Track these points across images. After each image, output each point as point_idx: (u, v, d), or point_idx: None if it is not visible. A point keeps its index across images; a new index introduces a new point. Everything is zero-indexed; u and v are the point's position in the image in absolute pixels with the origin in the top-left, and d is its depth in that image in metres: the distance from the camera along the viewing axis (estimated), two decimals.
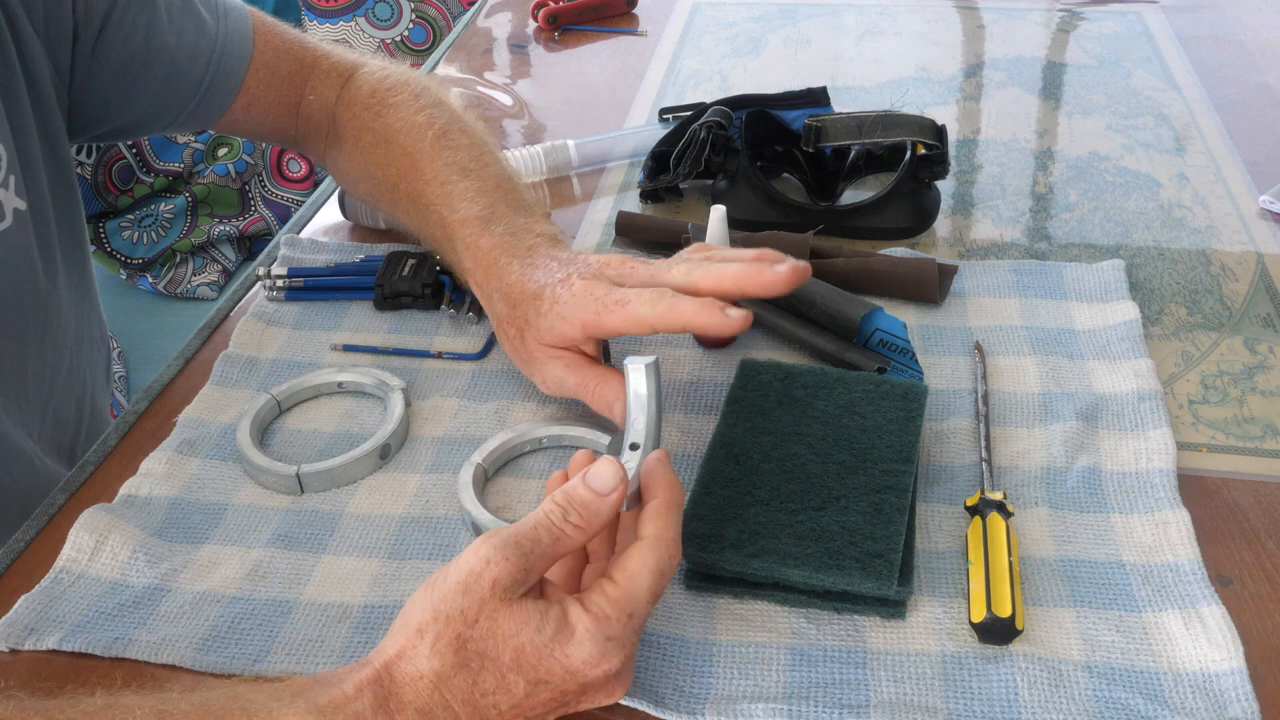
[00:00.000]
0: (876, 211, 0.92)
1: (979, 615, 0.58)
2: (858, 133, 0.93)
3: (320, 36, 0.99)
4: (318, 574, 0.65)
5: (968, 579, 0.61)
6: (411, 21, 2.09)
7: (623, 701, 0.56)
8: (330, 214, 1.01)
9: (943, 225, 0.95)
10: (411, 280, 0.85)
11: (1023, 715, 0.55)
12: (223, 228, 1.79)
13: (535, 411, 0.76)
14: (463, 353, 0.82)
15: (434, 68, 1.29)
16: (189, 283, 1.75)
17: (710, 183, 0.98)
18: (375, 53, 2.13)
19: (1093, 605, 0.60)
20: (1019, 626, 0.58)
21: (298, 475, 0.70)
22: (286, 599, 0.64)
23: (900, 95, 1.17)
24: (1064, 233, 0.93)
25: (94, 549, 0.66)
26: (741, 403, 0.70)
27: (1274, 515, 0.66)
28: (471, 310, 0.84)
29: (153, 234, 1.75)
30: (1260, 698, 0.55)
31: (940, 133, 0.92)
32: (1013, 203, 0.98)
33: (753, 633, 0.60)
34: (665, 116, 1.10)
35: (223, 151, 1.80)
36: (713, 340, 0.80)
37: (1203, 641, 0.58)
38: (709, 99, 1.05)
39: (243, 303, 0.90)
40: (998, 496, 0.65)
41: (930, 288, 0.83)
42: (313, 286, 0.88)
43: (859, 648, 0.59)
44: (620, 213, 0.94)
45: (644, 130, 1.07)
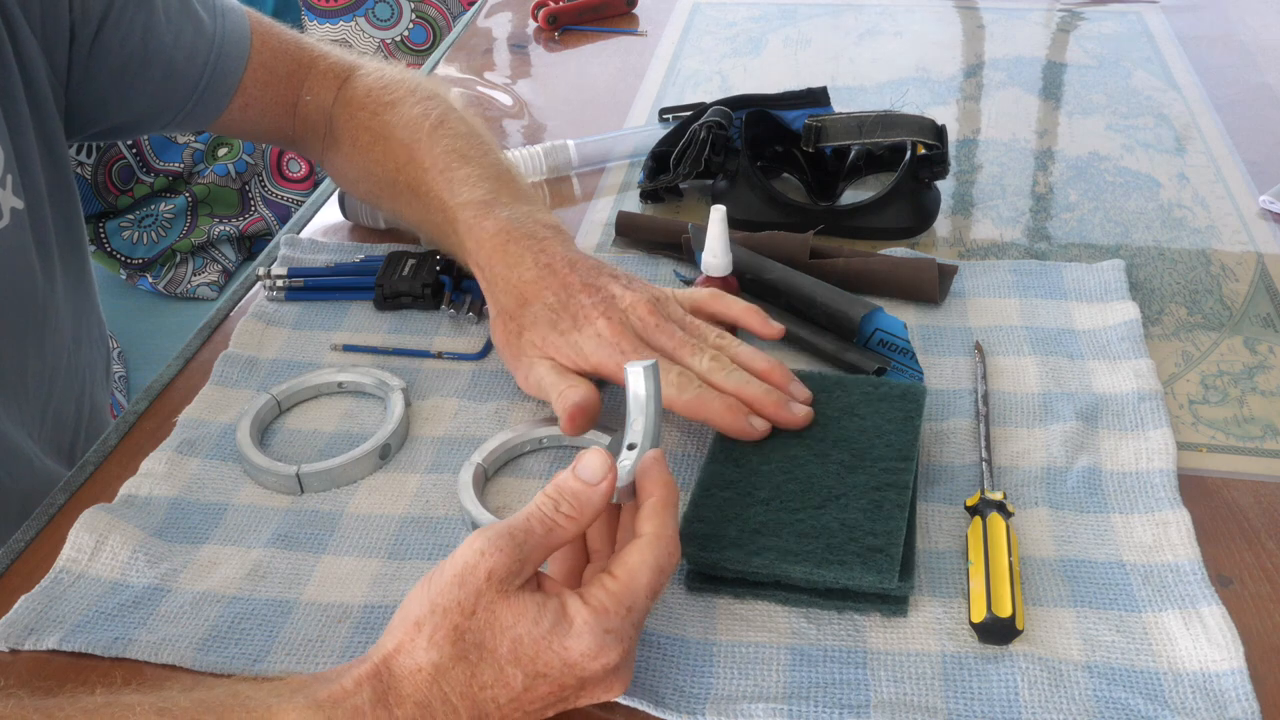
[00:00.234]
0: (876, 211, 0.92)
1: (979, 615, 0.58)
2: (858, 133, 0.93)
3: (320, 37, 0.99)
4: (318, 574, 0.65)
5: (968, 579, 0.61)
6: (411, 21, 2.09)
7: (622, 701, 0.56)
8: (330, 214, 1.01)
9: (943, 225, 0.95)
10: (411, 280, 0.85)
11: (1023, 715, 0.55)
12: (223, 228, 1.79)
13: (535, 411, 0.76)
14: (463, 353, 0.82)
15: (434, 68, 1.29)
16: (189, 283, 1.75)
17: (710, 183, 0.98)
18: (375, 53, 2.13)
19: (1093, 605, 0.60)
20: (1019, 626, 0.58)
21: (298, 475, 0.70)
22: (286, 599, 0.64)
23: (900, 95, 1.17)
24: (1064, 233, 0.93)
25: (94, 549, 0.66)
26: None
27: (1274, 515, 0.66)
28: (471, 310, 0.84)
29: (153, 234, 1.75)
30: (1260, 698, 0.55)
31: (940, 133, 0.92)
32: (1013, 203, 0.98)
33: (753, 633, 0.60)
34: (665, 116, 1.10)
35: (223, 151, 1.80)
36: None
37: (1203, 641, 0.58)
38: (709, 99, 1.05)
39: (243, 303, 0.90)
40: (998, 496, 0.65)
41: (930, 288, 0.83)
42: (313, 286, 0.88)
43: (859, 648, 0.59)
44: (620, 213, 0.94)
45: (644, 130, 1.07)
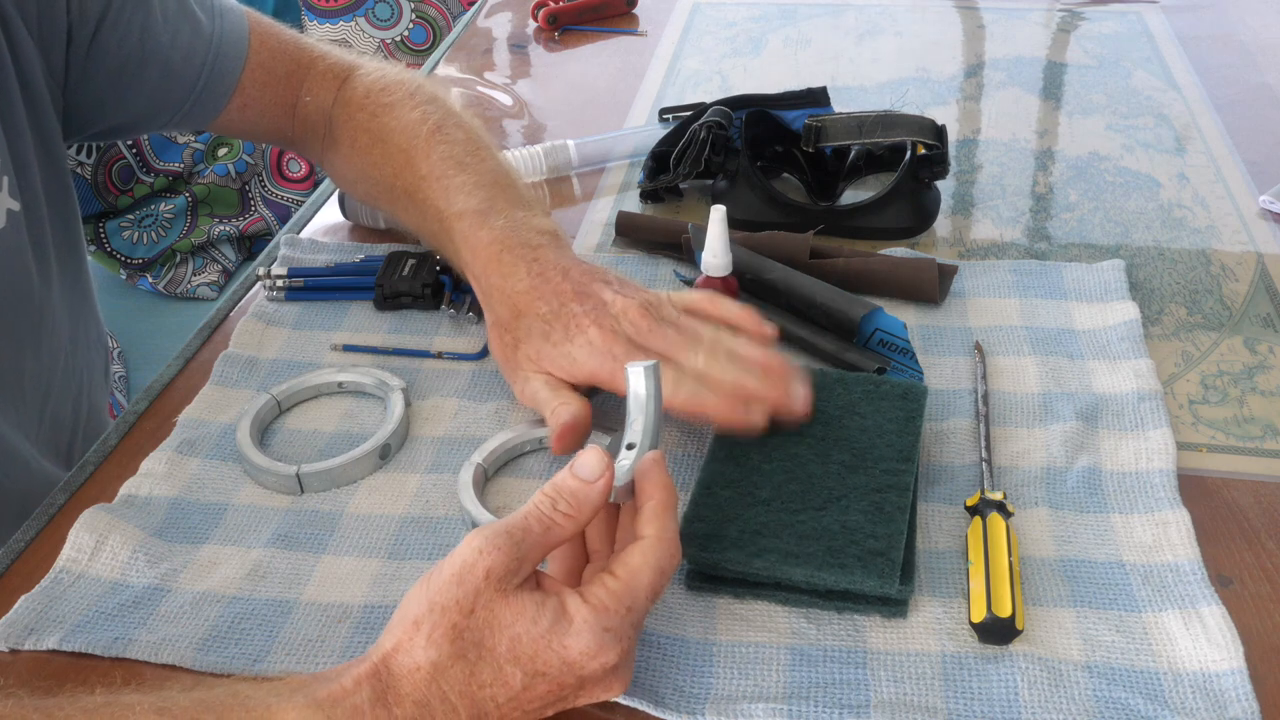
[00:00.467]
0: (876, 211, 0.92)
1: (979, 615, 0.58)
2: (858, 133, 0.93)
3: (320, 37, 0.99)
4: (318, 574, 0.65)
5: (968, 579, 0.61)
6: (411, 21, 2.09)
7: (622, 701, 0.56)
8: (330, 214, 1.01)
9: (943, 225, 0.94)
10: (411, 280, 0.85)
11: (1023, 715, 0.55)
12: (223, 228, 1.79)
13: (535, 412, 0.76)
14: (463, 353, 0.82)
15: (434, 68, 1.29)
16: (189, 283, 1.75)
17: (710, 183, 0.98)
18: (375, 53, 2.13)
19: (1093, 605, 0.60)
20: (1019, 626, 0.58)
21: (298, 475, 0.70)
22: (286, 599, 0.64)
23: (900, 95, 1.17)
24: (1064, 233, 0.93)
25: (94, 549, 0.66)
26: None
27: (1274, 515, 0.66)
28: (471, 310, 0.84)
29: (153, 234, 1.75)
30: (1260, 698, 0.55)
31: (940, 133, 0.92)
32: (1013, 203, 0.98)
33: (753, 633, 0.60)
34: (665, 116, 1.10)
35: (223, 151, 1.80)
36: None
37: (1203, 641, 0.58)
38: (709, 99, 1.05)
39: (243, 303, 0.90)
40: (998, 496, 0.65)
41: (930, 288, 0.83)
42: (313, 286, 0.88)
43: (859, 648, 0.59)
44: (620, 213, 0.94)
45: (644, 130, 1.07)
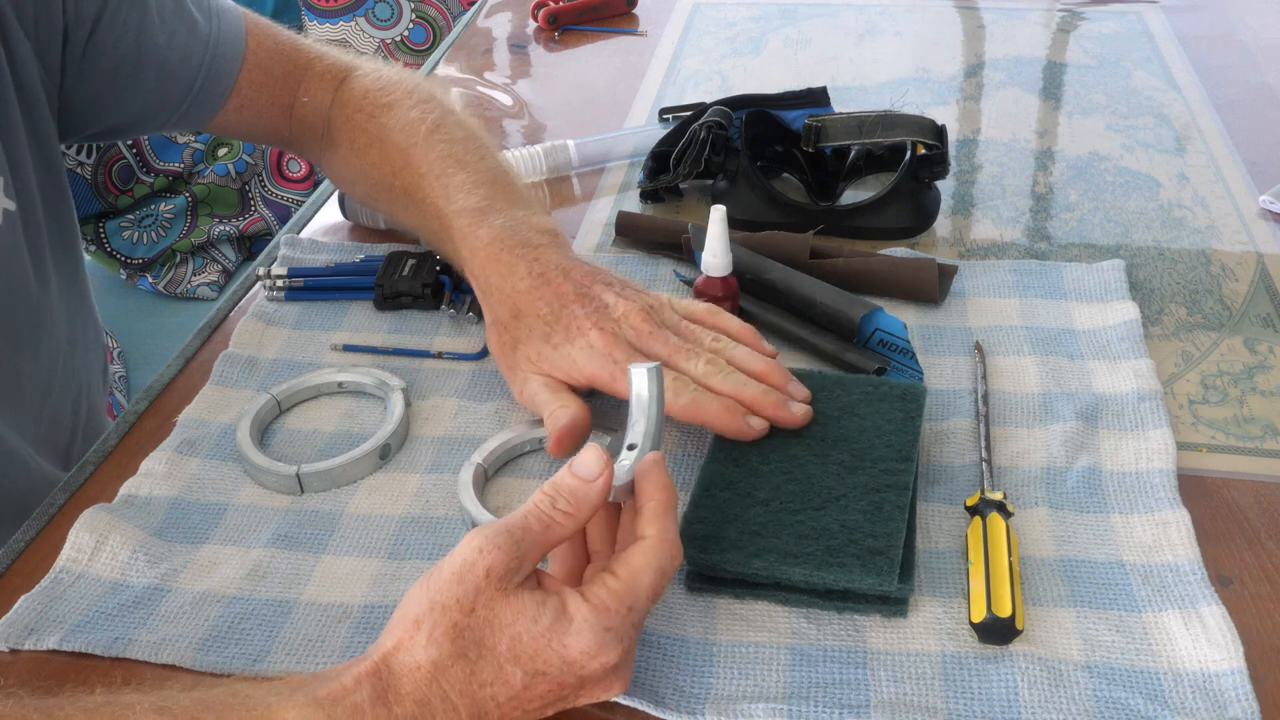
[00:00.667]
0: (876, 211, 0.92)
1: (979, 615, 0.58)
2: (858, 133, 0.93)
3: (320, 37, 0.99)
4: (318, 574, 0.65)
5: (968, 579, 0.61)
6: (411, 21, 2.09)
7: (622, 701, 0.56)
8: (330, 214, 1.01)
9: (943, 225, 0.94)
10: (411, 280, 0.85)
11: (1023, 715, 0.55)
12: (223, 228, 1.79)
13: (535, 412, 0.76)
14: (463, 353, 0.82)
15: (434, 68, 1.29)
16: (189, 283, 1.75)
17: (710, 183, 0.98)
18: (375, 53, 2.13)
19: (1093, 605, 0.60)
20: (1019, 626, 0.58)
21: (298, 475, 0.70)
22: (286, 599, 0.64)
23: (900, 95, 1.17)
24: (1064, 233, 0.93)
25: (94, 549, 0.66)
26: None
27: (1274, 515, 0.66)
28: (471, 310, 0.84)
29: (153, 234, 1.75)
30: (1260, 698, 0.55)
31: (940, 133, 0.92)
32: (1013, 203, 0.98)
33: (753, 633, 0.60)
34: (665, 116, 1.10)
35: (223, 151, 1.80)
36: None
37: (1203, 641, 0.58)
38: (709, 99, 1.05)
39: (243, 303, 0.90)
40: (998, 496, 0.65)
41: (930, 288, 0.83)
42: (313, 286, 0.88)
43: (859, 648, 0.59)
44: (620, 213, 0.94)
45: (644, 130, 1.07)
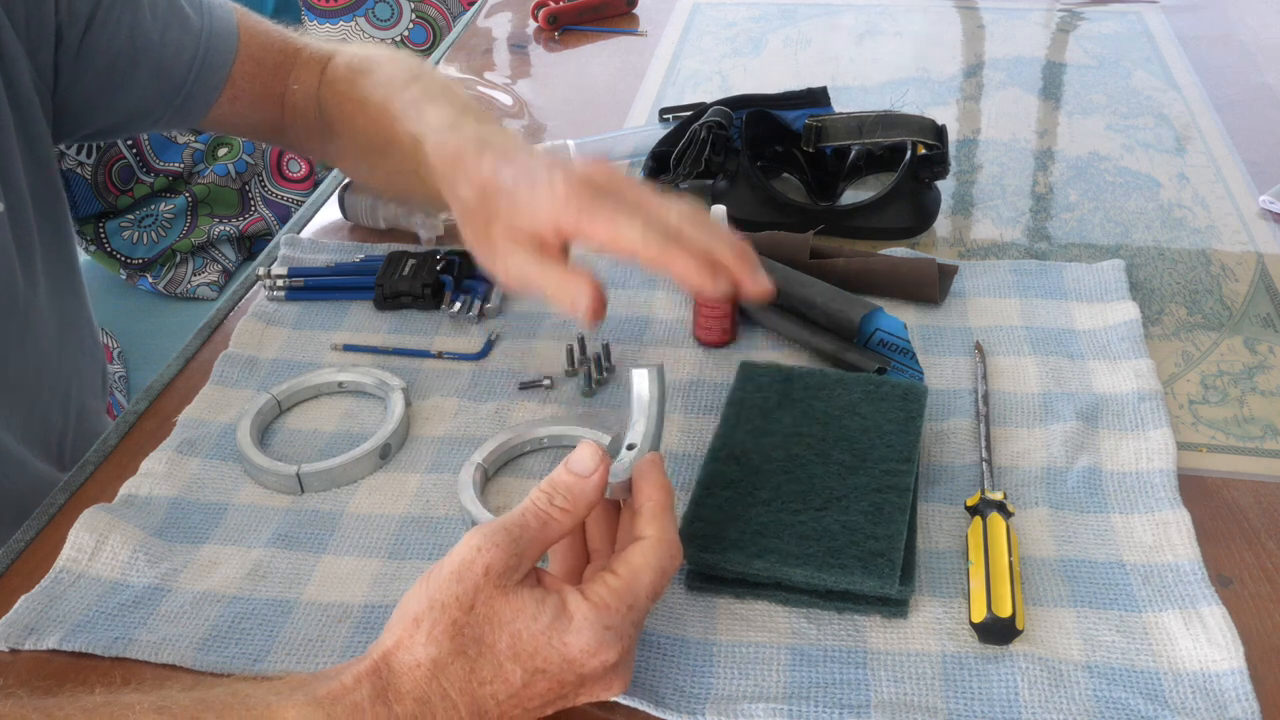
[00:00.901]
0: (876, 211, 0.92)
1: (979, 615, 0.58)
2: (858, 133, 0.93)
3: (320, 36, 0.99)
4: (318, 574, 0.65)
5: (968, 579, 0.61)
6: (411, 21, 2.09)
7: (622, 701, 0.56)
8: (330, 214, 1.01)
9: (943, 225, 0.94)
10: (411, 280, 0.85)
11: (1023, 715, 0.55)
12: (223, 228, 1.79)
13: (535, 411, 0.76)
14: (463, 353, 0.82)
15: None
16: (189, 283, 1.75)
17: (710, 183, 0.98)
18: None
19: (1093, 605, 0.60)
20: (1019, 626, 0.58)
21: (298, 475, 0.70)
22: (286, 599, 0.64)
23: (900, 95, 1.17)
24: (1064, 233, 0.93)
25: (94, 549, 0.66)
26: (741, 404, 0.70)
27: (1274, 515, 0.66)
28: (472, 310, 0.84)
29: (153, 234, 1.75)
30: (1260, 698, 0.55)
31: (940, 133, 0.92)
32: (1013, 203, 0.98)
33: (753, 633, 0.60)
34: (665, 116, 1.10)
35: (223, 151, 1.80)
36: (713, 339, 0.80)
37: (1203, 641, 0.58)
38: (709, 99, 1.05)
39: (243, 303, 0.90)
40: (998, 496, 0.65)
41: (930, 288, 0.83)
42: (313, 286, 0.88)
43: (859, 648, 0.59)
44: None
45: (644, 130, 1.07)
